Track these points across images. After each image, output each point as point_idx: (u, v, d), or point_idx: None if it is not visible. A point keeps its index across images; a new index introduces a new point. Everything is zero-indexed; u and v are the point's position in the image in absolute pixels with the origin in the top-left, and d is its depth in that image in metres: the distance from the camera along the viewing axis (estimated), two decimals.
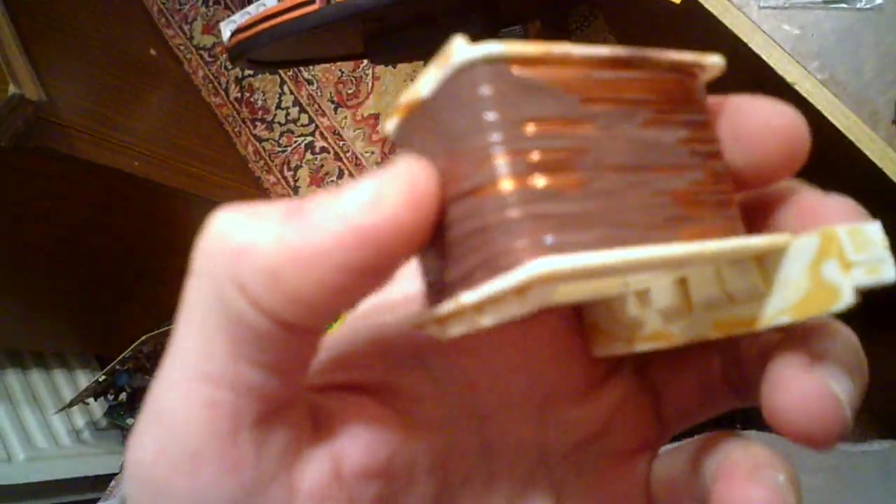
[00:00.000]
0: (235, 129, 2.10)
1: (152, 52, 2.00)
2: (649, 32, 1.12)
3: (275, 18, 0.69)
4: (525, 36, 1.25)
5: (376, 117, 1.92)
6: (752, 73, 0.77)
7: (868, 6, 0.72)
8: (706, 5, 0.74)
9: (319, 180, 1.98)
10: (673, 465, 0.23)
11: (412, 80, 1.85)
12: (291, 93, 2.04)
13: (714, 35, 0.76)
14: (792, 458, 0.61)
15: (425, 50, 0.89)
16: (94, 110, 1.56)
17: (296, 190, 2.00)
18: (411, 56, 0.90)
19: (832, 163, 0.88)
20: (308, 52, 0.96)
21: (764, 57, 0.72)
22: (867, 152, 0.68)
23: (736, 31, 0.73)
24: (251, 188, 2.01)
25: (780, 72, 0.72)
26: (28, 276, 1.58)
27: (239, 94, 2.11)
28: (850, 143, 0.69)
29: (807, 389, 0.17)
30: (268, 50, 0.79)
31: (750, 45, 0.73)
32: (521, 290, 0.15)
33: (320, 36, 0.75)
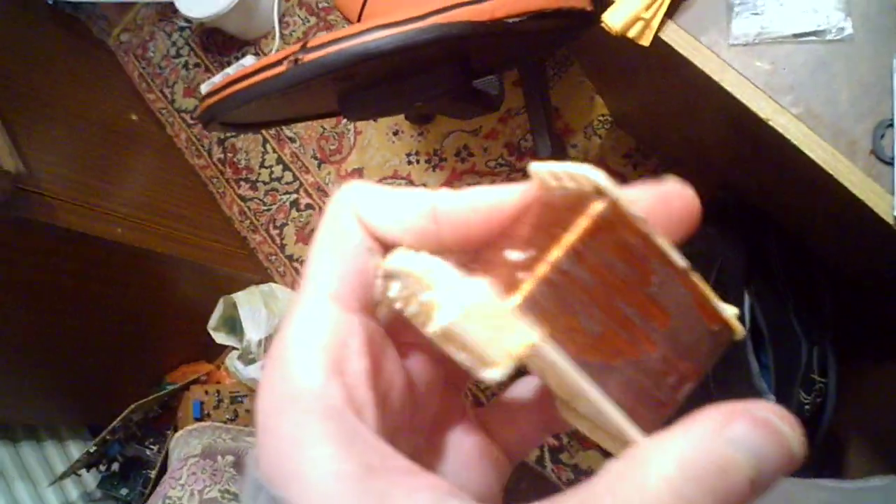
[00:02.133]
0: (220, 190, 2.09)
1: (133, 117, 2.01)
2: (620, 74, 1.12)
3: (242, 82, 0.68)
4: (501, 85, 1.26)
5: (360, 172, 1.92)
6: (727, 110, 0.77)
7: (838, 37, 0.72)
8: (675, 46, 0.74)
9: (306, 238, 1.97)
10: None
11: (395, 133, 1.86)
12: (274, 151, 2.04)
13: (687, 73, 0.76)
14: (790, 498, 0.59)
15: (400, 104, 0.88)
16: (75, 178, 1.55)
17: (283, 248, 1.98)
18: (386, 111, 0.89)
19: (814, 197, 0.87)
20: (282, 113, 0.95)
21: (736, 95, 0.71)
22: (846, 184, 0.67)
23: (706, 70, 0.73)
24: (238, 248, 2.00)
25: (753, 108, 0.71)
26: (14, 349, 1.56)
27: (222, 155, 2.11)
28: (829, 175, 0.68)
29: None
30: (240, 112, 0.79)
31: (721, 83, 0.72)
32: None
33: (292, 96, 0.75)
